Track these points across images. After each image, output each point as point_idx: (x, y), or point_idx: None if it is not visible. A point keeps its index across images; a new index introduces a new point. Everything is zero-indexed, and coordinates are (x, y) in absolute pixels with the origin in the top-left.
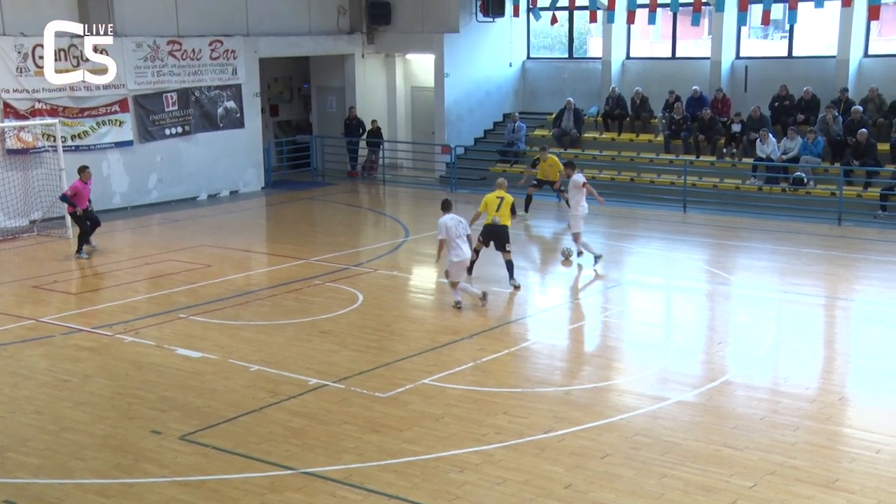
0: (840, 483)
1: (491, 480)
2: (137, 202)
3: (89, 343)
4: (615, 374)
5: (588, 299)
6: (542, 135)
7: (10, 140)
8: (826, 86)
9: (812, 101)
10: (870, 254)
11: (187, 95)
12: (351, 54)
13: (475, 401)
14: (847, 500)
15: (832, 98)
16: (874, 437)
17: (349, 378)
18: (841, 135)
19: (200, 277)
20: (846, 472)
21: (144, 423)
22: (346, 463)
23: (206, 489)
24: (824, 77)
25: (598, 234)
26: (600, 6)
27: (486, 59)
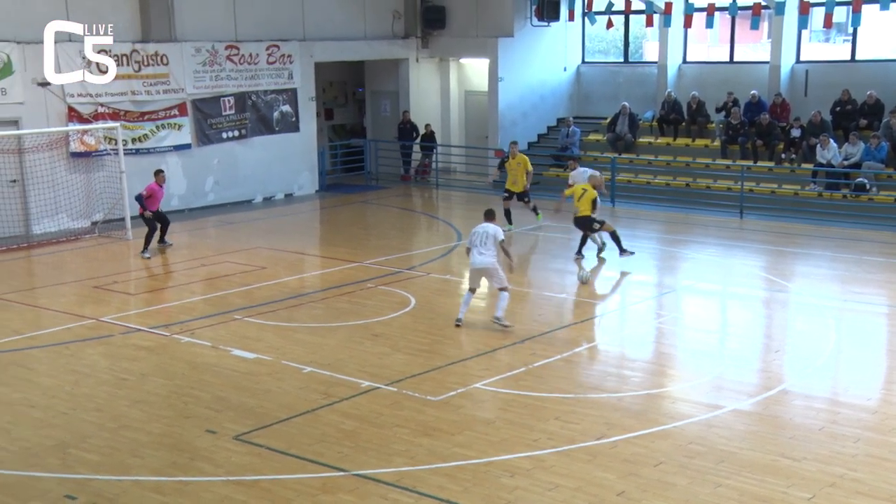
0: None
1: (542, 486)
2: (194, 204)
3: (147, 343)
4: (669, 381)
5: (641, 305)
6: (596, 139)
7: (73, 143)
8: (890, 90)
9: (875, 106)
10: None
11: (244, 99)
12: (405, 59)
13: (527, 406)
14: None
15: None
16: None
17: (401, 381)
18: None
19: (255, 279)
20: None
21: (200, 422)
22: (398, 466)
23: (259, 489)
24: (889, 81)
25: (651, 240)
26: (657, 10)
27: (541, 64)
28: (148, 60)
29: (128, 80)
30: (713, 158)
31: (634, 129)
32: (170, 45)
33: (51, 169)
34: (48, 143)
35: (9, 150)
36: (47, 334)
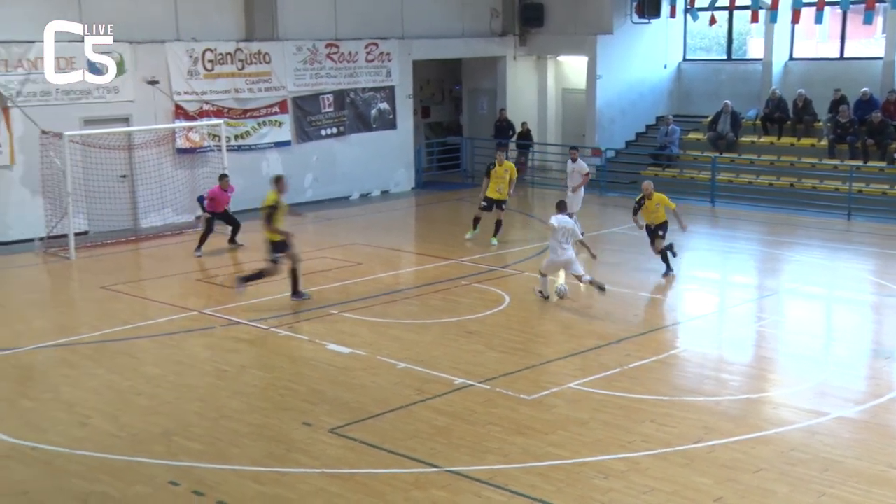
0: None
1: (637, 489)
2: (293, 200)
3: (246, 335)
4: (770, 386)
5: (741, 308)
6: (697, 138)
7: (179, 140)
8: None
9: None
10: None
11: (343, 97)
12: (503, 56)
13: (622, 407)
14: None
15: None
16: None
17: (495, 379)
18: None
19: (351, 275)
20: None
21: (296, 414)
22: (491, 463)
23: (353, 482)
24: None
25: (752, 241)
26: (763, 6)
27: (640, 61)
28: (251, 59)
29: (231, 79)
30: (820, 158)
31: (737, 128)
32: (272, 44)
33: (158, 165)
34: (156, 139)
35: (120, 147)
36: (153, 325)
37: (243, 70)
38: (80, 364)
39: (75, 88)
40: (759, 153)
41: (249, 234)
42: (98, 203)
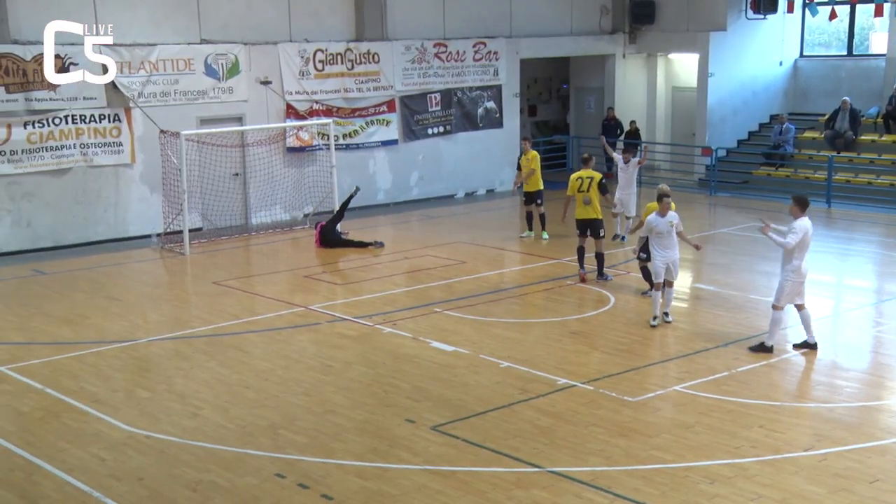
0: None
1: (745, 496)
2: (399, 199)
3: (351, 332)
4: (887, 394)
5: (858, 312)
6: (812, 137)
7: (290, 139)
8: None
9: None
10: None
11: (450, 96)
12: (612, 54)
13: (729, 411)
14: None
15: None
16: None
17: (598, 380)
18: None
19: (455, 273)
20: None
21: (399, 411)
22: (593, 465)
23: (455, 479)
24: None
25: (871, 244)
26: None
27: (754, 58)
28: (360, 59)
29: (341, 78)
30: None
31: (856, 126)
32: (381, 44)
33: (269, 163)
34: (267, 138)
35: (233, 145)
36: (262, 320)
37: (352, 70)
38: (193, 357)
39: (192, 89)
40: (879, 152)
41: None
42: (212, 200)
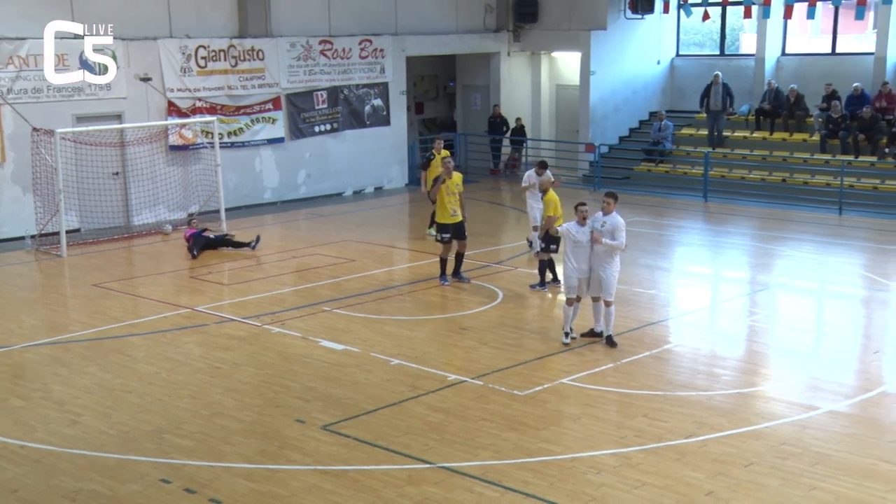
0: None
1: (629, 484)
2: (286, 197)
3: (239, 332)
4: (761, 381)
5: (734, 302)
6: (690, 133)
7: (172, 137)
8: None
9: None
10: None
11: (336, 93)
12: (497, 52)
13: (614, 402)
14: None
15: None
16: None
17: (488, 375)
18: None
19: (344, 272)
20: None
21: (289, 411)
22: (484, 459)
23: (347, 478)
24: None
25: (745, 236)
26: (756, 1)
27: (634, 57)
28: (244, 55)
29: (224, 75)
30: (812, 153)
31: (730, 101)
32: (266, 41)
33: (150, 162)
34: (148, 136)
35: (112, 144)
36: (145, 322)
37: (236, 67)
38: (72, 362)
39: (68, 86)
40: (751, 148)
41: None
42: (90, 200)
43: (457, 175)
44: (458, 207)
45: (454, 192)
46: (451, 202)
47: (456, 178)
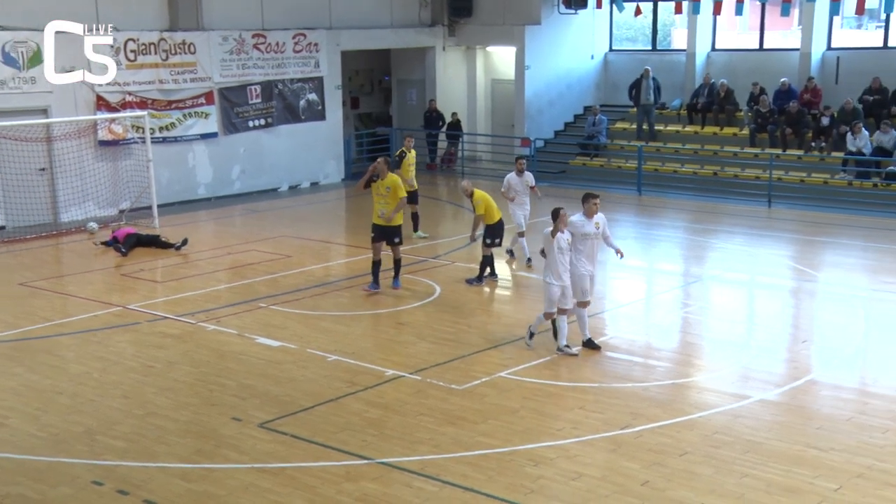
0: None
1: (566, 475)
2: (221, 193)
3: (174, 330)
4: (695, 371)
5: (668, 295)
6: (623, 128)
7: (101, 132)
8: None
9: None
10: None
11: (271, 88)
12: (432, 47)
13: (552, 395)
14: None
15: None
16: None
17: (426, 370)
18: None
19: (281, 268)
20: None
21: (225, 410)
22: (422, 454)
23: (284, 476)
24: None
25: (678, 229)
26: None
27: (568, 52)
28: (175, 49)
29: (155, 69)
30: (741, 147)
31: (658, 94)
32: (197, 34)
33: (78, 157)
34: (76, 131)
35: (38, 139)
36: (75, 321)
37: (167, 60)
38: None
39: None
40: (683, 142)
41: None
42: (15, 197)
43: (391, 177)
44: (388, 210)
45: (383, 195)
46: (380, 203)
47: (388, 180)
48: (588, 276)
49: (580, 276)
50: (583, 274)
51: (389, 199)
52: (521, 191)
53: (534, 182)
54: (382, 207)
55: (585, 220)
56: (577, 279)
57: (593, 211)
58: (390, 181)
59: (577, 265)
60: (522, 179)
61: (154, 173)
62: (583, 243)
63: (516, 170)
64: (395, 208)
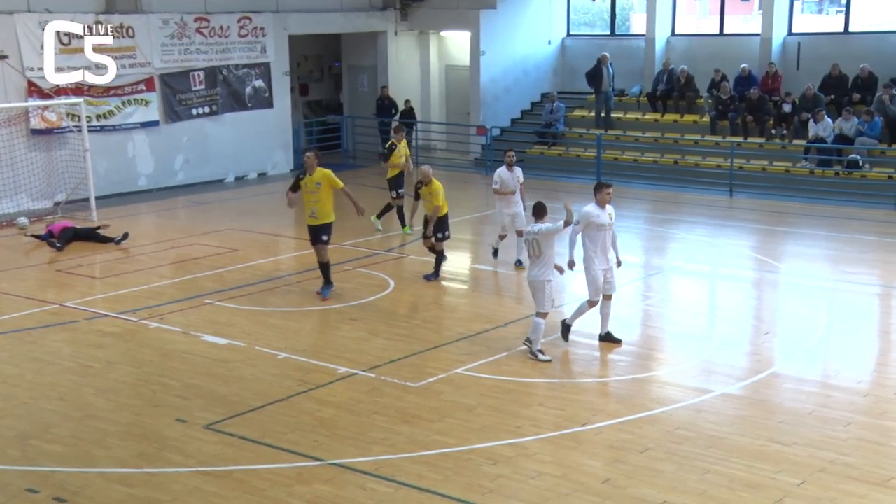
0: (895, 482)
1: (526, 474)
2: (163, 184)
3: (114, 329)
4: (656, 366)
5: (628, 287)
6: (582, 115)
7: (34, 120)
8: (884, 63)
9: (869, 80)
10: None
11: (215, 74)
12: (384, 31)
13: (510, 391)
14: None
15: (891, 76)
16: None
17: (380, 367)
18: None
19: (227, 262)
20: None
21: (169, 411)
22: (376, 454)
23: (231, 479)
24: (883, 54)
25: (638, 220)
26: None
27: (524, 37)
28: (113, 33)
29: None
30: (702, 135)
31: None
32: (136, 17)
33: (9, 147)
34: (6, 119)
35: None
36: (7, 320)
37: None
38: None
39: None
40: (643, 130)
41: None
42: None
43: (321, 172)
44: (319, 208)
45: (312, 191)
46: (310, 202)
47: (318, 174)
48: (602, 273)
49: (594, 275)
50: (596, 272)
51: (321, 195)
52: (512, 187)
53: (522, 178)
54: (313, 206)
55: (600, 210)
56: (591, 277)
57: (606, 201)
58: (320, 175)
59: (590, 263)
60: (513, 174)
61: (91, 164)
62: (596, 235)
63: (506, 163)
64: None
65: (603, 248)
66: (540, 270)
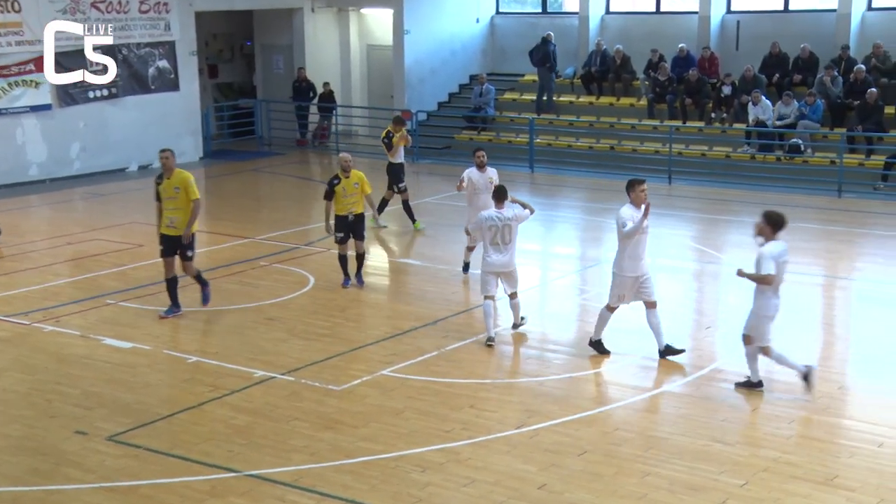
0: (839, 480)
1: (457, 481)
2: (57, 174)
3: (2, 333)
4: (593, 363)
5: (563, 280)
6: (513, 98)
7: None
8: (825, 43)
9: (809, 60)
10: (873, 228)
11: (114, 53)
12: (299, 8)
13: (439, 393)
14: (847, 498)
15: (832, 56)
16: (876, 429)
17: (299, 370)
18: (841, 97)
19: (131, 259)
20: (846, 467)
21: (67, 422)
22: (297, 464)
23: (137, 495)
24: (823, 33)
25: (574, 209)
26: None
27: (451, 15)
28: None
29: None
30: (639, 119)
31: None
32: None
33: None
34: None
35: None
36: None
37: None
38: None
39: None
40: (577, 114)
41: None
42: None
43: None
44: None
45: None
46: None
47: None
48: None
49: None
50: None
51: (180, 202)
52: (483, 189)
53: (497, 179)
54: (171, 214)
55: (635, 211)
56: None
57: (642, 199)
58: (179, 180)
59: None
60: (485, 175)
61: None
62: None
63: (476, 163)
64: (190, 219)
65: (639, 252)
66: (513, 257)
